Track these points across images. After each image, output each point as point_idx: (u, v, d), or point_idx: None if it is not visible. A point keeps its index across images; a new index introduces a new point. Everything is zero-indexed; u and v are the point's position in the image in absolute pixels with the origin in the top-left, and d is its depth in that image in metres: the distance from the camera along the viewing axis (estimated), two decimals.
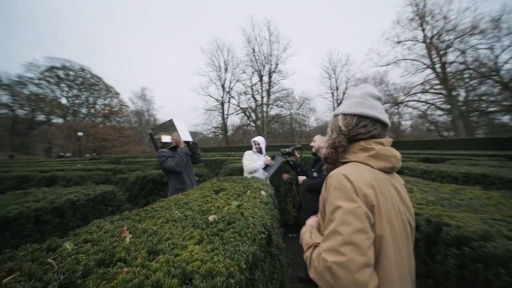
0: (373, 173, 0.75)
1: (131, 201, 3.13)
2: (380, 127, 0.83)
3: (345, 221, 0.64)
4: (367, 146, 0.79)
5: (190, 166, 2.94)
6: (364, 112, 0.82)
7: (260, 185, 1.92)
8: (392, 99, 31.49)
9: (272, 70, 38.27)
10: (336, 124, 0.88)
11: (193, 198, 1.48)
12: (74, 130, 40.70)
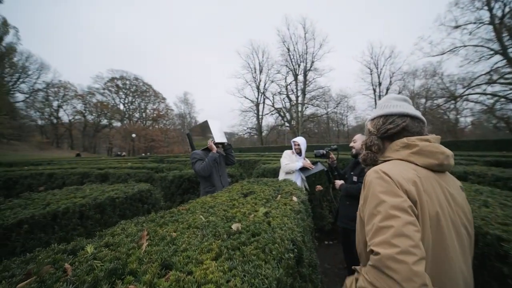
0: (417, 170, 0.71)
1: (168, 198, 3.30)
2: (411, 120, 0.82)
3: (392, 215, 0.61)
4: (410, 143, 0.76)
5: (222, 168, 2.93)
6: (388, 111, 0.85)
7: (292, 189, 1.75)
8: (448, 93, 27.04)
9: (307, 69, 37.04)
10: (367, 129, 0.92)
11: (220, 202, 1.41)
12: (129, 132, 46.44)
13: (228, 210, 1.20)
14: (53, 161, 9.03)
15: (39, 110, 44.72)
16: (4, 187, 3.53)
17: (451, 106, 28.29)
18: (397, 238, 0.57)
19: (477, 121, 29.99)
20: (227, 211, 1.19)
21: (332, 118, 45.19)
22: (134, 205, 1.86)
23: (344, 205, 2.40)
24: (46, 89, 43.57)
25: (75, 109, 48.62)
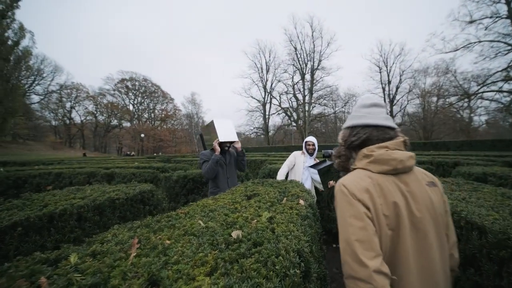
0: (372, 177, 0.81)
1: (173, 199, 3.26)
2: (374, 129, 0.89)
3: (349, 222, 0.74)
4: (367, 153, 0.86)
5: (232, 169, 2.85)
6: (353, 123, 0.94)
7: (299, 192, 1.65)
8: (461, 91, 25.99)
9: (314, 68, 36.60)
10: (339, 138, 1.02)
11: (222, 204, 1.32)
12: (138, 132, 47.34)
13: (229, 215, 1.12)
14: (63, 160, 9.25)
15: (53, 111, 46.32)
16: (13, 186, 3.59)
17: (465, 105, 27.21)
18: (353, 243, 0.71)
19: (492, 120, 28.76)
20: (228, 216, 1.10)
21: (340, 118, 44.45)
22: (135, 206, 1.81)
23: None
24: (60, 90, 45.05)
25: (87, 110, 50.06)
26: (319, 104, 38.73)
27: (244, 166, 2.91)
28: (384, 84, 35.24)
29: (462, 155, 6.36)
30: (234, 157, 2.92)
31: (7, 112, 25.30)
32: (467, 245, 1.07)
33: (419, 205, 0.79)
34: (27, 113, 38.78)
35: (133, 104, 54.52)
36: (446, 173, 4.59)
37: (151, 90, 56.17)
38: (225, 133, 2.78)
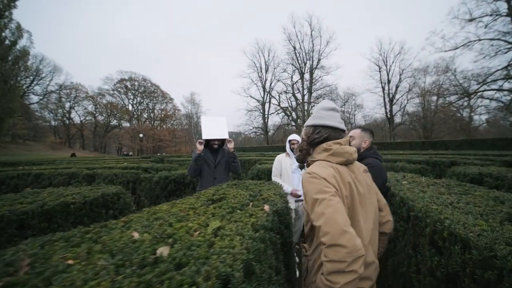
0: (333, 167, 1.02)
1: (153, 201, 3.10)
2: (332, 130, 1.11)
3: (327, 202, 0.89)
4: (327, 147, 1.07)
5: (221, 169, 2.70)
6: (316, 122, 1.14)
7: (272, 195, 1.50)
8: (461, 89, 25.73)
9: (314, 67, 36.44)
10: (302, 134, 1.21)
11: (175, 211, 1.17)
12: (137, 132, 47.24)
13: (173, 224, 0.96)
14: (55, 160, 9.12)
15: (52, 111, 46.27)
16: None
17: (465, 104, 26.95)
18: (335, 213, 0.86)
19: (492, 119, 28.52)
20: (172, 225, 0.95)
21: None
22: (95, 211, 1.66)
23: None
24: (59, 91, 44.98)
25: (86, 110, 50.02)
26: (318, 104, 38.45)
27: (237, 168, 2.74)
28: (384, 83, 35.03)
29: (460, 155, 6.18)
30: (227, 157, 2.78)
31: (4, 112, 25.22)
32: (449, 260, 0.92)
33: (362, 187, 1.05)
34: (26, 114, 38.72)
35: (132, 104, 54.44)
36: (443, 173, 4.43)
37: (151, 90, 56.06)
38: (212, 131, 2.62)
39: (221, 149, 2.76)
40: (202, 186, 2.59)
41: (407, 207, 1.40)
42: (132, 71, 53.16)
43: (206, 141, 2.64)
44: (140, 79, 54.20)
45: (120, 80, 51.83)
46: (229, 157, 2.71)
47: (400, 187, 1.69)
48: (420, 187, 1.67)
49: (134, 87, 53.94)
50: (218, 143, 2.71)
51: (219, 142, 2.72)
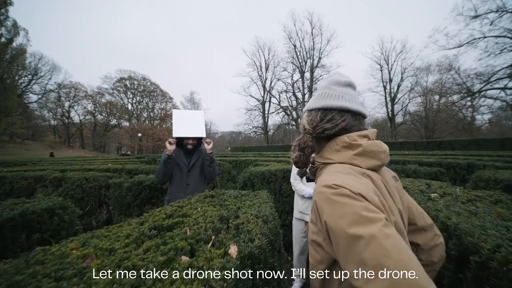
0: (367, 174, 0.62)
1: (123, 212, 2.65)
2: (352, 117, 0.71)
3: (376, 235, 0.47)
4: (352, 143, 0.66)
5: (195, 176, 2.26)
6: (327, 104, 0.72)
7: (252, 218, 1.04)
8: (465, 89, 25.16)
9: (314, 65, 35.92)
10: (301, 125, 0.79)
11: (76, 256, 0.72)
12: (136, 132, 46.86)
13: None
14: (41, 161, 8.69)
15: (51, 111, 45.89)
16: None
17: (467, 103, 26.40)
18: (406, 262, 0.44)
19: (495, 118, 27.97)
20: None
21: None
22: (8, 236, 1.20)
23: None
24: (58, 90, 44.61)
25: (86, 109, 49.58)
26: None
27: (212, 173, 2.28)
28: (385, 82, 34.40)
29: (473, 156, 5.70)
30: (203, 159, 2.33)
31: (0, 111, 24.86)
32: None
33: (397, 197, 0.68)
34: (24, 113, 38.33)
35: (132, 103, 54.04)
36: (458, 177, 3.95)
37: (150, 89, 55.69)
38: (185, 128, 2.18)
39: (197, 150, 2.32)
40: (172, 193, 2.15)
41: (461, 243, 0.91)
42: (131, 70, 52.96)
43: (178, 140, 2.19)
44: (140, 78, 53.84)
45: (119, 79, 51.46)
46: (205, 160, 2.26)
47: (434, 204, 1.20)
48: (461, 203, 1.20)
49: (133, 86, 53.58)
50: (193, 143, 2.26)
51: (195, 141, 2.27)
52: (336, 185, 0.56)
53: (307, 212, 2.34)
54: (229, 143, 59.76)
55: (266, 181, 3.39)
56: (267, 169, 3.46)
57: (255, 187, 3.38)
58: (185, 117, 2.23)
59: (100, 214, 3.10)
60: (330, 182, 0.58)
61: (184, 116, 2.24)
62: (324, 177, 0.63)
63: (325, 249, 0.60)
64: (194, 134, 2.19)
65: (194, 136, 2.22)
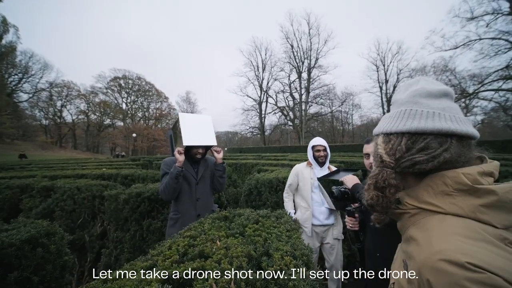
0: (502, 238, 0.41)
1: (120, 227, 2.38)
2: (458, 143, 0.49)
3: None
4: (478, 187, 0.44)
5: (205, 189, 2.03)
6: (418, 126, 0.51)
7: (290, 260, 0.82)
8: (460, 90, 25.52)
9: (311, 66, 35.98)
10: (377, 155, 0.56)
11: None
12: (131, 132, 46.04)
13: None
14: (31, 164, 8.27)
15: (43, 110, 44.69)
16: None
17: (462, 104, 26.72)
18: None
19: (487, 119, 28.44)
20: None
21: (337, 117, 43.93)
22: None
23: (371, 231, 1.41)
24: (50, 88, 43.48)
25: (78, 109, 48.49)
26: (315, 103, 38.10)
27: (223, 184, 2.07)
28: (381, 83, 34.74)
29: None
30: (211, 169, 2.08)
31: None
32: None
33: None
34: (14, 112, 37.15)
35: (126, 103, 53.13)
36: None
37: (145, 89, 54.88)
38: (196, 135, 1.93)
39: (204, 159, 2.07)
40: (180, 211, 1.90)
41: None
42: (126, 69, 52.01)
43: (186, 148, 1.95)
44: (135, 77, 52.99)
45: (113, 78, 50.51)
46: (217, 170, 2.02)
47: None
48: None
49: (128, 85, 52.70)
50: (203, 152, 2.01)
51: (204, 150, 2.03)
52: (474, 266, 0.35)
53: (306, 225, 2.21)
54: (225, 144, 59.36)
55: (274, 190, 3.17)
56: (275, 177, 3.24)
57: (262, 196, 3.15)
58: (194, 123, 1.98)
59: (93, 227, 2.82)
60: (461, 258, 0.37)
61: (193, 121, 2.00)
62: (441, 242, 0.42)
63: None
64: (206, 142, 1.95)
65: (206, 145, 1.98)
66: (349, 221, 1.48)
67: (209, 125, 2.04)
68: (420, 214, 0.51)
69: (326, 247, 2.26)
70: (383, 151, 0.55)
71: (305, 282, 0.70)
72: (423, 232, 0.48)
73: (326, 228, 2.24)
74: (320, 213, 2.22)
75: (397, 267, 0.57)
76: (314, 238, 2.22)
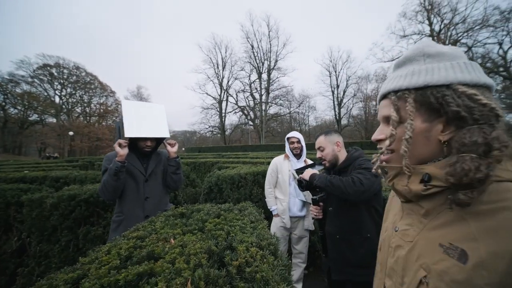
0: None
1: (45, 239, 1.93)
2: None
3: None
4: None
5: (156, 187, 1.77)
6: (493, 84, 0.47)
7: (254, 250, 0.74)
8: None
9: (271, 67, 37.12)
10: (475, 105, 0.44)
11: None
12: (67, 130, 39.34)
13: None
14: None
15: None
16: None
17: None
18: None
19: None
20: None
21: (295, 118, 46.51)
22: None
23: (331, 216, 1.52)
24: None
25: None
26: (275, 104, 39.49)
27: (178, 182, 1.84)
28: (333, 87, 38.22)
29: None
30: (164, 165, 1.84)
31: None
32: None
33: None
34: None
35: (61, 96, 45.16)
36: None
37: (86, 81, 47.70)
38: (141, 126, 1.67)
39: (155, 153, 1.83)
40: (124, 212, 1.63)
41: None
42: (59, 56, 44.21)
43: (132, 141, 1.69)
44: (71, 66, 45.52)
45: (42, 66, 42.30)
46: (170, 165, 1.80)
47: None
48: None
49: (62, 75, 44.88)
50: (152, 145, 1.77)
51: (154, 143, 1.78)
52: None
53: (284, 217, 2.32)
54: (183, 143, 56.33)
55: (236, 186, 3.08)
56: (237, 173, 3.15)
57: (223, 192, 3.02)
58: (141, 111, 1.71)
59: (6, 243, 2.22)
60: None
61: (140, 109, 1.72)
62: None
63: None
64: (156, 134, 1.71)
65: (155, 137, 1.73)
66: (314, 209, 1.56)
67: (161, 114, 1.80)
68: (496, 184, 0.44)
69: (295, 237, 2.38)
70: (493, 102, 0.43)
71: (273, 272, 0.64)
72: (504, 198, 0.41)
73: (297, 219, 2.36)
74: (294, 205, 2.33)
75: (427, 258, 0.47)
76: (285, 229, 2.34)
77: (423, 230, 0.50)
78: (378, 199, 1.42)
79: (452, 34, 22.98)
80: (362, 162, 1.44)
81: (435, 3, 23.06)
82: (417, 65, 0.52)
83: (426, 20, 23.88)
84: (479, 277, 0.39)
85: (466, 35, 22.14)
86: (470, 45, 22.17)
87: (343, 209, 1.45)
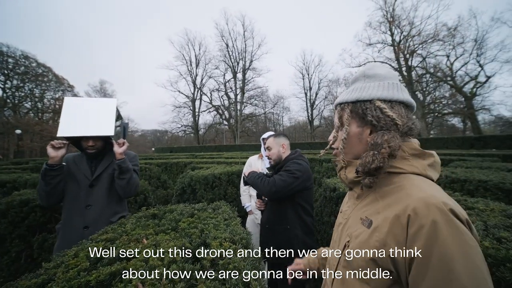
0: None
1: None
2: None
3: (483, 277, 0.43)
4: (424, 151, 0.59)
5: (102, 193, 1.56)
6: (406, 98, 0.62)
7: (228, 245, 0.78)
8: None
9: (246, 67, 37.19)
10: (382, 116, 0.59)
11: None
12: (12, 127, 34.33)
13: None
14: None
15: None
16: None
17: None
18: None
19: None
20: None
21: (269, 118, 47.27)
22: None
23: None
24: None
25: None
26: (250, 104, 39.68)
27: (126, 188, 1.56)
28: (306, 89, 39.83)
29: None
30: (110, 166, 1.64)
31: None
32: None
33: None
34: None
35: (4, 89, 39.25)
36: None
37: (37, 72, 42.21)
38: (78, 123, 1.49)
39: (107, 155, 1.66)
40: (63, 220, 1.49)
41: None
42: (2, 43, 38.34)
43: (74, 140, 1.55)
44: (18, 55, 39.87)
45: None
46: (118, 164, 1.54)
47: None
48: None
49: (6, 65, 39.04)
50: (96, 145, 1.57)
51: (99, 143, 1.59)
52: (452, 209, 0.46)
53: (256, 213, 2.48)
54: (153, 143, 53.29)
55: (210, 186, 3.06)
56: (211, 173, 3.13)
57: (197, 193, 2.99)
58: (84, 108, 1.53)
59: None
60: (448, 202, 0.47)
61: (83, 106, 1.53)
62: (425, 189, 0.51)
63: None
64: (93, 132, 1.49)
65: (93, 135, 1.51)
66: (257, 202, 1.81)
67: (108, 110, 1.58)
68: (387, 177, 0.59)
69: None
70: (395, 115, 0.59)
71: (245, 262, 0.69)
72: (407, 184, 0.54)
73: None
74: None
75: (352, 228, 0.62)
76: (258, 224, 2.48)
77: (354, 209, 0.65)
78: (305, 197, 1.62)
79: (409, 45, 25.77)
80: (289, 164, 1.61)
81: (396, 15, 25.66)
82: (359, 84, 0.67)
83: (389, 31, 26.45)
84: (374, 236, 0.53)
85: (421, 46, 25.07)
86: (424, 56, 25.13)
87: (273, 204, 1.67)
